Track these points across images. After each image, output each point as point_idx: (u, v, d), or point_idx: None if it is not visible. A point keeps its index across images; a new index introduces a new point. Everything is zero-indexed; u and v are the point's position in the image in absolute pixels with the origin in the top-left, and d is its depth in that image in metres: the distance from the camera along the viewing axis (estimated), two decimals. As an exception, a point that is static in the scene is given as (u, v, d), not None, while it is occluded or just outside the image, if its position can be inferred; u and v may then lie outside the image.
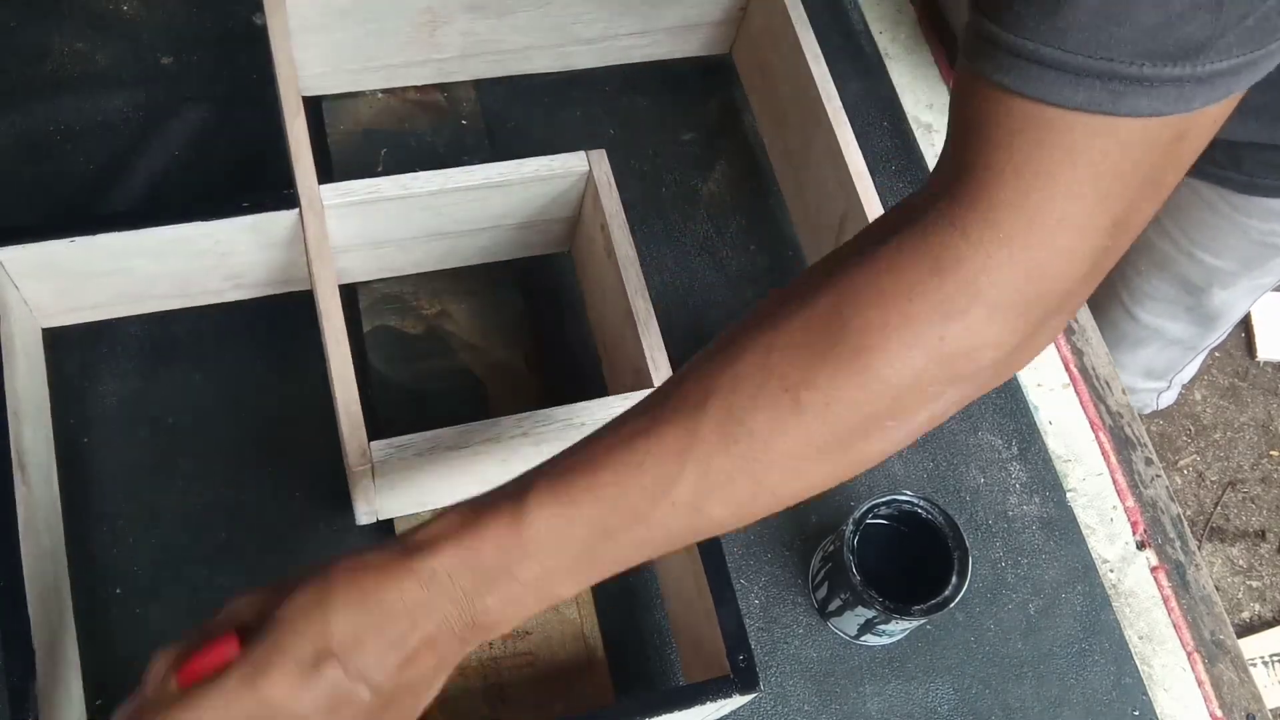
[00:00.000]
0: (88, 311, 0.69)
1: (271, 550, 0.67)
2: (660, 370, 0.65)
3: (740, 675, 0.58)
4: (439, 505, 0.68)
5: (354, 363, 0.61)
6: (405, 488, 0.64)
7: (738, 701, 0.59)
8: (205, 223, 0.64)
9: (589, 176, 0.70)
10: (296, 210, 0.65)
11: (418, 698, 0.46)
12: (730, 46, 0.88)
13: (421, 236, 0.71)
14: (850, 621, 0.69)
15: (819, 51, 0.76)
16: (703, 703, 0.57)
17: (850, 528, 0.66)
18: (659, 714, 0.57)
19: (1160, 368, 1.12)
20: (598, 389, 0.74)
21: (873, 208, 0.71)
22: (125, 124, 0.77)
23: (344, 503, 0.68)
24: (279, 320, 0.73)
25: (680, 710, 0.57)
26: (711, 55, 0.88)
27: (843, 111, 0.74)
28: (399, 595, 0.43)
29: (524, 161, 0.69)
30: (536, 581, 0.45)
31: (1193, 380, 1.18)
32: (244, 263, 0.68)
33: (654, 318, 0.66)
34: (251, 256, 0.68)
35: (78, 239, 0.62)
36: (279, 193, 0.65)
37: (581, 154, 0.70)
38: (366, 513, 0.66)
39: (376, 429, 0.67)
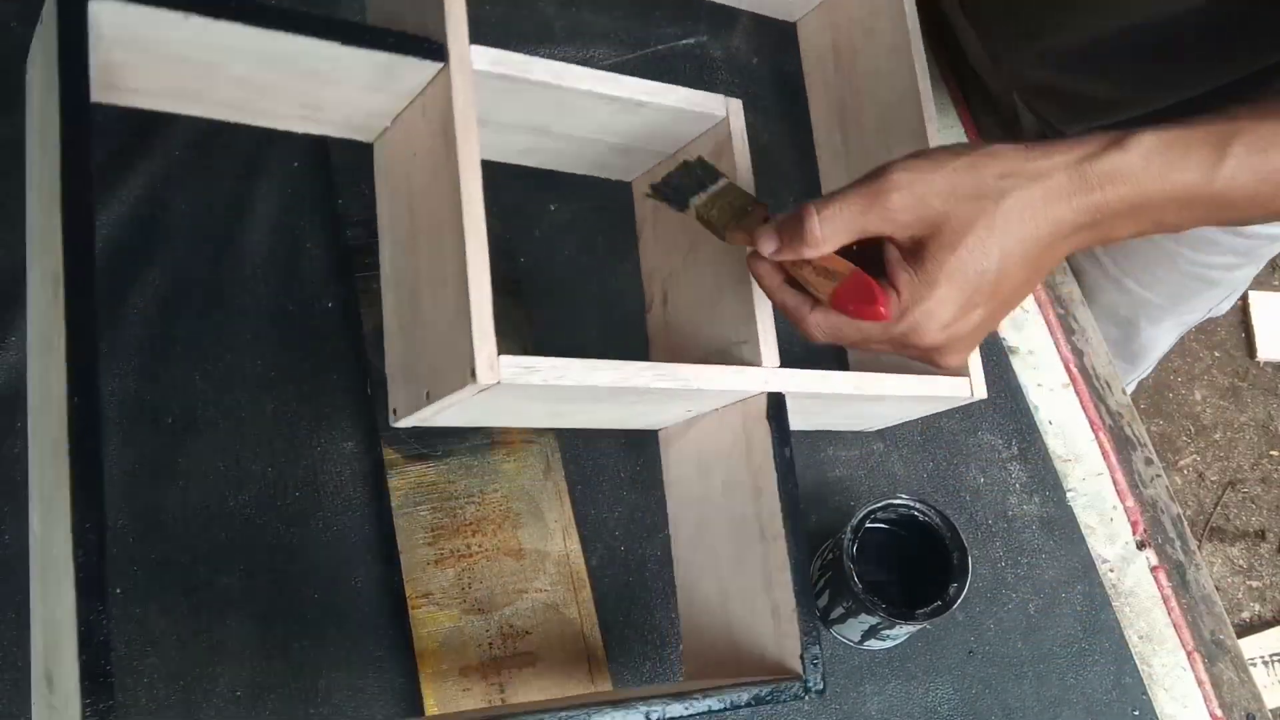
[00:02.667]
0: (139, 96, 0.58)
1: (271, 550, 0.67)
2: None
3: (811, 675, 0.56)
4: (503, 425, 0.63)
5: (356, 361, 0.61)
6: (490, 409, 0.58)
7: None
8: (341, 45, 0.55)
9: (726, 123, 0.65)
10: (440, 66, 0.56)
11: (1028, 292, 0.53)
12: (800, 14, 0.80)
13: (528, 128, 0.65)
14: (854, 629, 0.69)
15: (925, 58, 0.70)
16: (771, 702, 0.56)
17: (848, 535, 0.65)
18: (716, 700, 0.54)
19: None
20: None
21: None
22: (125, 124, 0.77)
23: (344, 503, 0.68)
24: (279, 320, 0.73)
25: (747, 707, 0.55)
26: (773, 18, 0.81)
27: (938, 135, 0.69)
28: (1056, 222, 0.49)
29: (672, 88, 0.64)
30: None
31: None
32: (339, 98, 0.60)
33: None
34: (355, 94, 0.60)
35: (194, 17, 0.51)
36: (423, 42, 0.57)
37: (721, 98, 0.65)
38: (456, 411, 0.58)
39: (377, 426, 0.67)
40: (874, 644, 0.71)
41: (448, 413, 0.57)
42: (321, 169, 0.77)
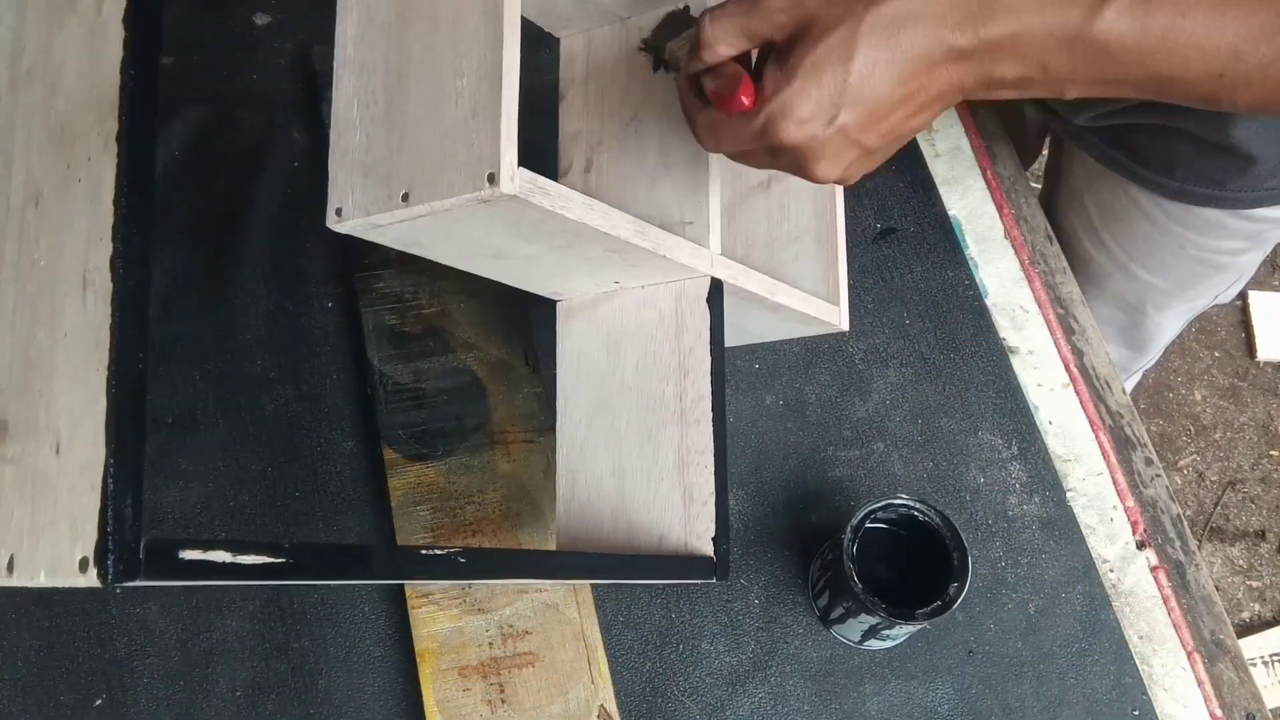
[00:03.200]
0: None
1: (271, 550, 0.67)
2: None
3: (721, 562, 0.56)
4: (437, 256, 0.58)
5: (356, 361, 0.61)
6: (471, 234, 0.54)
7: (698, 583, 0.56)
8: None
9: None
10: None
11: (910, 125, 0.52)
12: None
13: None
14: (854, 629, 0.69)
15: None
16: (679, 577, 0.55)
17: (848, 535, 0.65)
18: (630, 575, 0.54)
19: None
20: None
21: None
22: (125, 124, 0.77)
23: (343, 502, 0.68)
24: (279, 320, 0.73)
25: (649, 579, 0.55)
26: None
27: None
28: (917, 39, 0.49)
29: None
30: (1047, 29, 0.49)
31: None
32: None
33: None
34: None
35: None
36: None
37: None
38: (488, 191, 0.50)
39: (375, 428, 0.67)
40: (874, 644, 0.71)
41: (413, 224, 0.51)
42: (322, 168, 0.77)
